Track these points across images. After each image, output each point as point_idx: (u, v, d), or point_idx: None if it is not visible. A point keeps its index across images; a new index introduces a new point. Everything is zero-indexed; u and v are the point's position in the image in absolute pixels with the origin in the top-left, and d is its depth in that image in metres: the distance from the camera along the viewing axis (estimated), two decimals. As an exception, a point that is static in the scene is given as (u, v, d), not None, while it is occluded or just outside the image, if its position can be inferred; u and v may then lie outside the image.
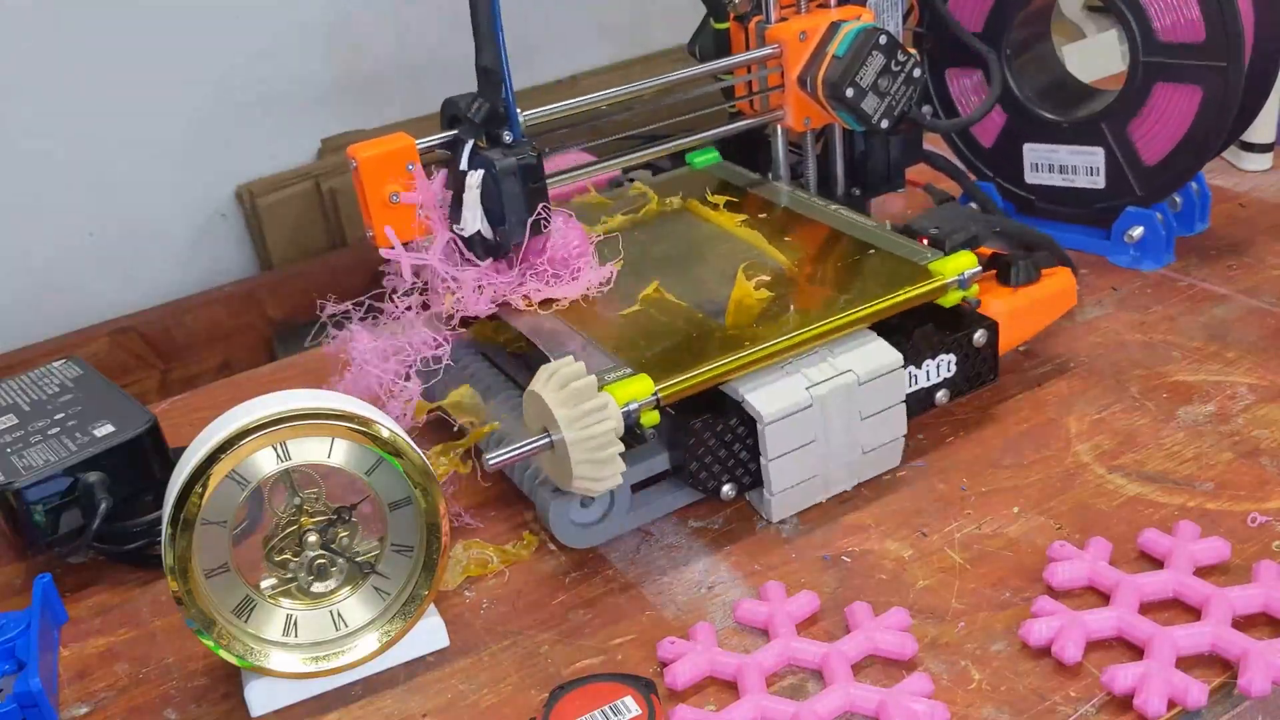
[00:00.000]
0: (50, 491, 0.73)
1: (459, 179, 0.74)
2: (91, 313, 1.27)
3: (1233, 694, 0.58)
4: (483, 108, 0.74)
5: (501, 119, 0.75)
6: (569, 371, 0.65)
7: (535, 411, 0.67)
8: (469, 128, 0.75)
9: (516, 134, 0.76)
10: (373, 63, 1.36)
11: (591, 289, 0.78)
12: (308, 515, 0.64)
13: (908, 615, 0.64)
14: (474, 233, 0.75)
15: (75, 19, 1.20)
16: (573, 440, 0.64)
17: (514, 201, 0.74)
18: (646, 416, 0.68)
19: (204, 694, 0.66)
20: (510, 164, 0.74)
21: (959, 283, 0.76)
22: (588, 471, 0.65)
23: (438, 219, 0.77)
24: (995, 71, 0.96)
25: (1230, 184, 1.07)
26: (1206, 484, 0.72)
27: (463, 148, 0.75)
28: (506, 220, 0.74)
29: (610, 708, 0.59)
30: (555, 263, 0.78)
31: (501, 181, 0.73)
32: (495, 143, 0.76)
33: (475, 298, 0.77)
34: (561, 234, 0.78)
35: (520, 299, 0.78)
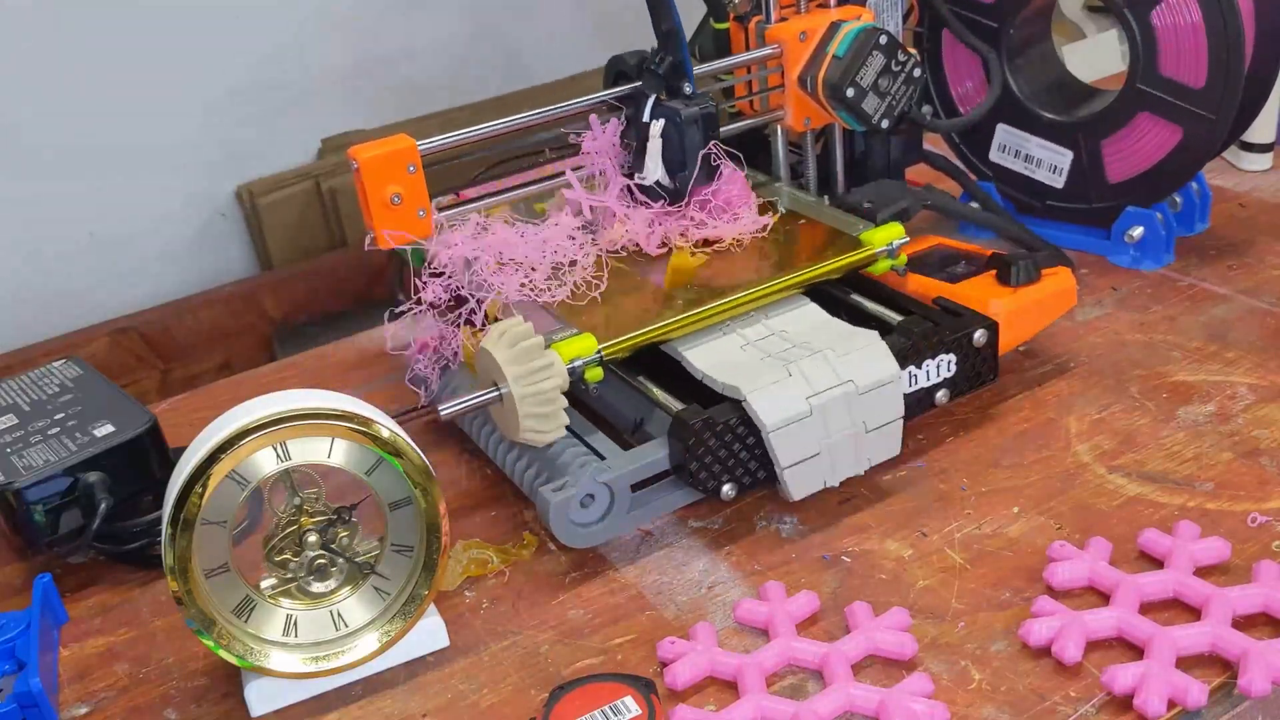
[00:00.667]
0: (50, 491, 0.73)
1: (642, 130, 0.80)
2: (91, 313, 1.27)
3: (1233, 694, 0.58)
4: (665, 61, 0.80)
5: (681, 74, 0.81)
6: (518, 330, 0.70)
7: (486, 367, 0.71)
8: (652, 80, 0.81)
9: (693, 86, 0.81)
10: (373, 63, 1.37)
11: (746, 233, 0.82)
12: (308, 515, 0.64)
13: (908, 615, 0.64)
14: (654, 180, 0.81)
15: (76, 19, 1.20)
16: (520, 394, 0.68)
17: (695, 149, 0.80)
18: (590, 373, 0.72)
19: (204, 694, 0.66)
20: (694, 113, 0.80)
21: (888, 252, 0.80)
22: (534, 424, 0.69)
23: (611, 164, 0.83)
24: (995, 71, 0.96)
25: (1230, 184, 1.07)
26: (1206, 484, 0.72)
27: (645, 100, 0.81)
28: (686, 166, 0.80)
29: (610, 708, 0.59)
30: (719, 206, 0.82)
31: (685, 130, 0.79)
32: (675, 95, 0.81)
33: (647, 235, 0.82)
34: (726, 179, 0.83)
35: (679, 237, 0.82)
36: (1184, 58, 0.89)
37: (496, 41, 1.42)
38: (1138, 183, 0.94)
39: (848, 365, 0.72)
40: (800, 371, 0.71)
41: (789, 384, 0.71)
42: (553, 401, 0.70)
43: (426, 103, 1.38)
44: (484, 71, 1.42)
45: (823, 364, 0.72)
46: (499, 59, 1.42)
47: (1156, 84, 0.91)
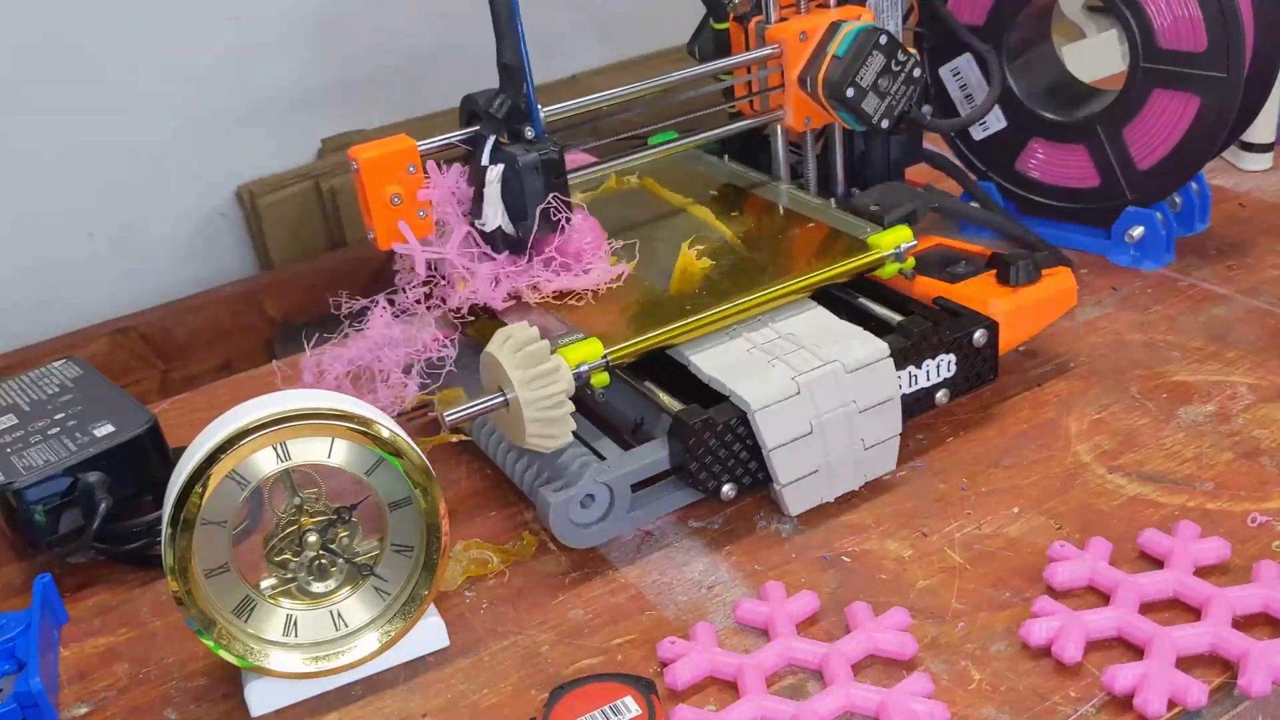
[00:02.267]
0: (50, 491, 0.73)
1: (480, 174, 0.76)
2: (91, 313, 1.27)
3: (1233, 694, 0.58)
4: (505, 103, 0.76)
5: (523, 115, 0.77)
6: (524, 335, 0.69)
7: (491, 372, 0.70)
8: (491, 123, 0.76)
9: (538, 130, 0.77)
10: (373, 62, 1.36)
11: (602, 284, 0.79)
12: (308, 515, 0.64)
13: (908, 615, 0.64)
14: (495, 228, 0.77)
15: (75, 18, 1.19)
16: (526, 400, 0.67)
17: (536, 197, 0.76)
18: (596, 378, 0.71)
19: (204, 694, 0.66)
20: (533, 159, 0.75)
21: (895, 255, 0.80)
22: (540, 429, 0.68)
23: (453, 213, 0.78)
24: (995, 71, 0.96)
25: (1230, 184, 1.07)
26: (1206, 484, 0.72)
27: (484, 143, 0.77)
28: (528, 215, 0.76)
29: (610, 708, 0.59)
30: (568, 256, 0.79)
31: (524, 177, 0.75)
32: (516, 138, 0.77)
33: (491, 290, 0.78)
34: (577, 228, 0.80)
35: (530, 290, 0.79)
36: (1180, 27, 0.89)
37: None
38: (1169, 163, 0.93)
39: (832, 351, 0.72)
40: (785, 362, 0.71)
41: (795, 403, 0.70)
42: (560, 408, 0.69)
43: (426, 103, 1.38)
44: (484, 72, 1.42)
45: (808, 355, 0.72)
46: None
47: (1161, 58, 0.90)
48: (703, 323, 0.75)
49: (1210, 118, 0.90)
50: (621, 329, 0.74)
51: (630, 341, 0.73)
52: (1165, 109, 0.92)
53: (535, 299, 0.78)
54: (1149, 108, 0.92)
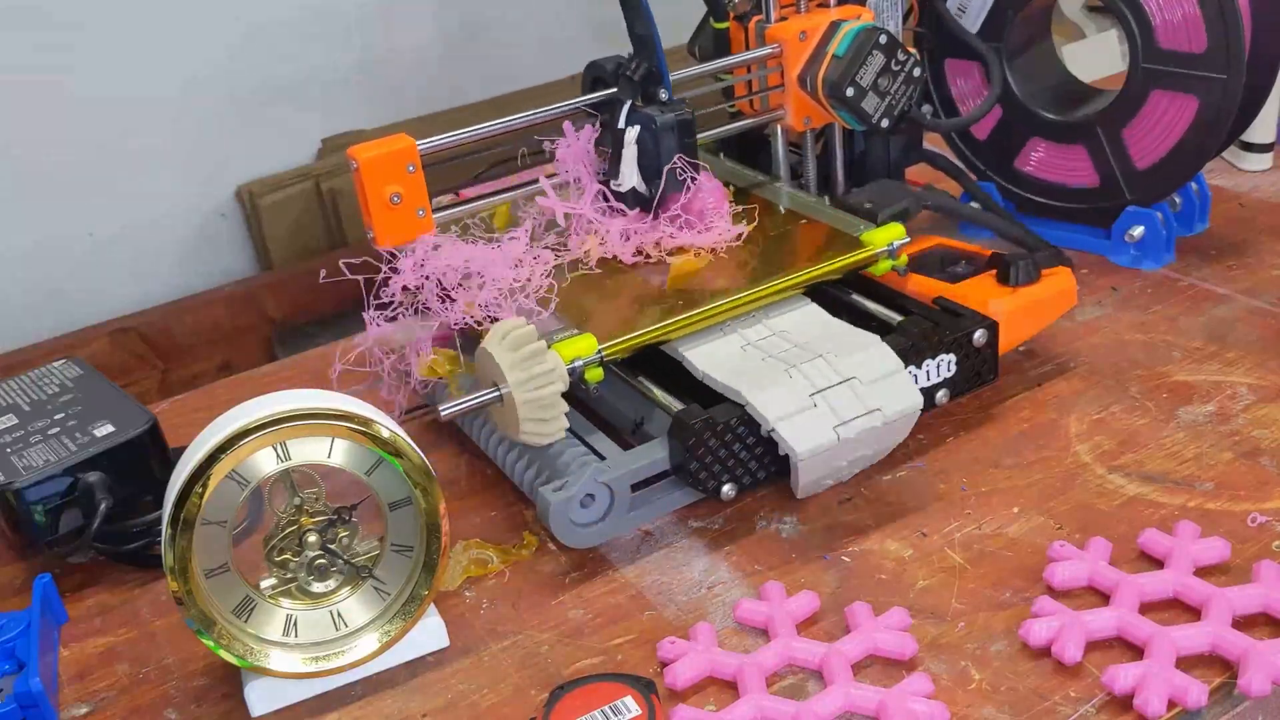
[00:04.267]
0: (50, 491, 0.73)
1: (617, 136, 0.79)
2: (91, 313, 1.27)
3: (1233, 694, 0.58)
4: (641, 67, 0.79)
5: (656, 79, 0.80)
6: (519, 332, 0.69)
7: (487, 367, 0.71)
8: (628, 86, 0.80)
9: (670, 93, 0.80)
10: (373, 62, 1.36)
11: (722, 241, 0.81)
12: (308, 515, 0.64)
13: (908, 615, 0.64)
14: (629, 188, 0.80)
15: (75, 18, 1.19)
16: (521, 397, 0.68)
17: (670, 156, 0.79)
18: (591, 373, 0.72)
19: (204, 694, 0.66)
20: (670, 120, 0.79)
21: (888, 252, 0.80)
22: (534, 427, 0.69)
23: (586, 171, 0.82)
24: (995, 71, 0.96)
25: (1230, 184, 1.07)
26: (1206, 484, 0.72)
27: (621, 106, 0.80)
28: (662, 174, 0.79)
29: (610, 708, 0.59)
30: (693, 214, 0.82)
31: (660, 137, 0.78)
32: (650, 101, 0.80)
33: (622, 244, 0.81)
34: (702, 188, 0.82)
35: (653, 247, 0.81)
36: (1180, 27, 0.89)
37: (497, 41, 1.42)
38: (1167, 163, 0.93)
39: (849, 365, 0.72)
40: (802, 373, 0.71)
41: (790, 384, 0.71)
42: (554, 404, 0.70)
43: (426, 103, 1.38)
44: (484, 71, 1.42)
45: (824, 366, 0.72)
46: (499, 59, 1.42)
47: (1160, 59, 0.90)
48: (696, 318, 0.75)
49: (1209, 118, 0.90)
50: (616, 325, 0.74)
51: (624, 337, 0.73)
52: (1164, 109, 0.92)
53: (658, 255, 0.81)
54: (1148, 108, 0.92)
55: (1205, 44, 0.88)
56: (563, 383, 0.70)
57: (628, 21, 0.80)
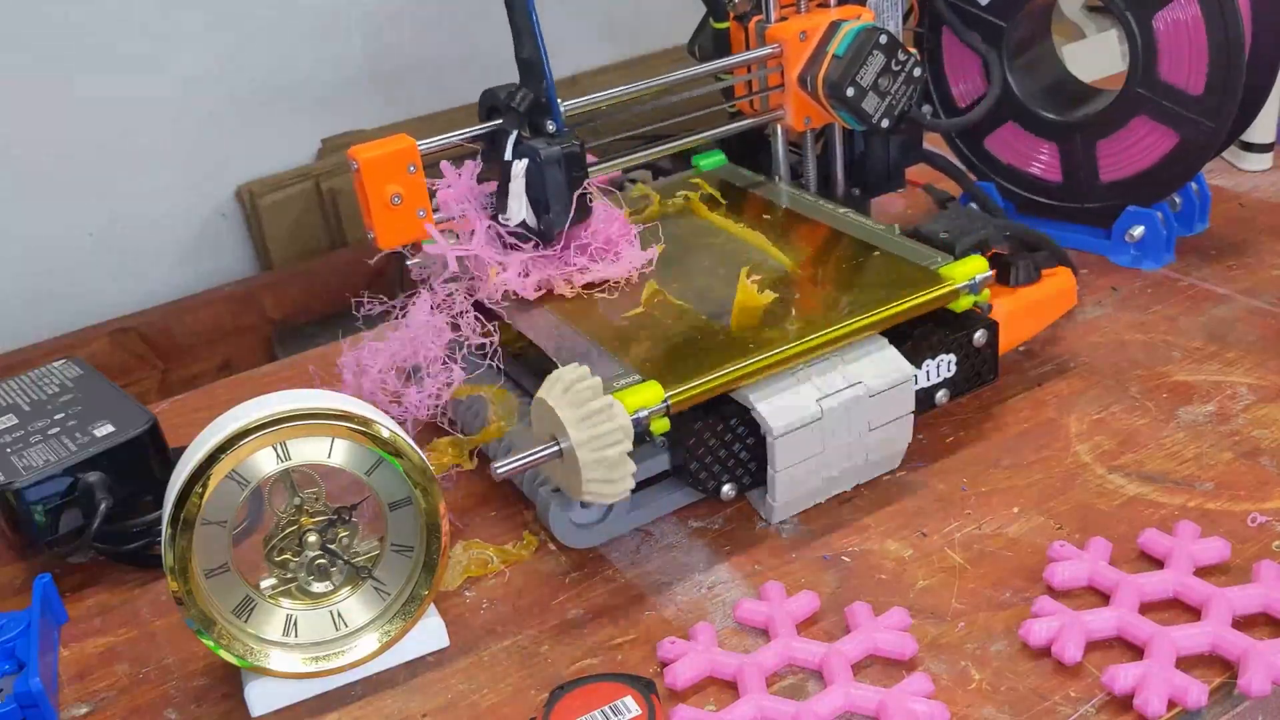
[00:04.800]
0: (50, 491, 0.73)
1: (504, 169, 0.76)
2: (91, 313, 1.27)
3: (1233, 694, 0.58)
4: (526, 98, 0.76)
5: (544, 109, 0.77)
6: (579, 383, 0.64)
7: (544, 419, 0.66)
8: (513, 118, 0.77)
9: (559, 124, 0.78)
10: (373, 62, 1.36)
11: (635, 270, 0.79)
12: (308, 515, 0.64)
13: (908, 615, 0.64)
14: (519, 222, 0.77)
15: (75, 19, 1.19)
16: (585, 456, 0.63)
17: (559, 190, 0.76)
18: (656, 424, 0.67)
19: (204, 694, 0.66)
20: (555, 153, 0.76)
21: (970, 287, 0.75)
22: (599, 488, 0.64)
23: (474, 209, 0.78)
24: (995, 71, 0.96)
25: (1230, 184, 1.07)
26: (1206, 484, 0.72)
27: (506, 138, 0.77)
28: (551, 208, 0.76)
29: (610, 708, 0.59)
30: (599, 246, 0.80)
31: (546, 170, 0.75)
32: (538, 132, 0.77)
33: (522, 281, 0.78)
34: (603, 218, 0.80)
35: (563, 282, 0.79)
36: (1184, 63, 0.89)
37: (497, 41, 1.42)
38: (1130, 184, 0.94)
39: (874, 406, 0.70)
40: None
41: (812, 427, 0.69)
42: (621, 464, 0.64)
43: (426, 103, 1.38)
44: (484, 71, 1.42)
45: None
46: (499, 59, 1.42)
47: (1155, 89, 0.91)
48: (766, 363, 0.70)
49: (1184, 156, 0.91)
50: (679, 369, 0.69)
51: (692, 384, 0.68)
52: (1145, 135, 0.92)
53: (568, 291, 0.78)
54: (1128, 129, 0.93)
55: (1203, 88, 0.88)
56: (629, 440, 0.64)
57: (515, 44, 0.76)
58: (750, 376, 0.70)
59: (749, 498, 0.74)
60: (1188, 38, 0.88)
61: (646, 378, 0.68)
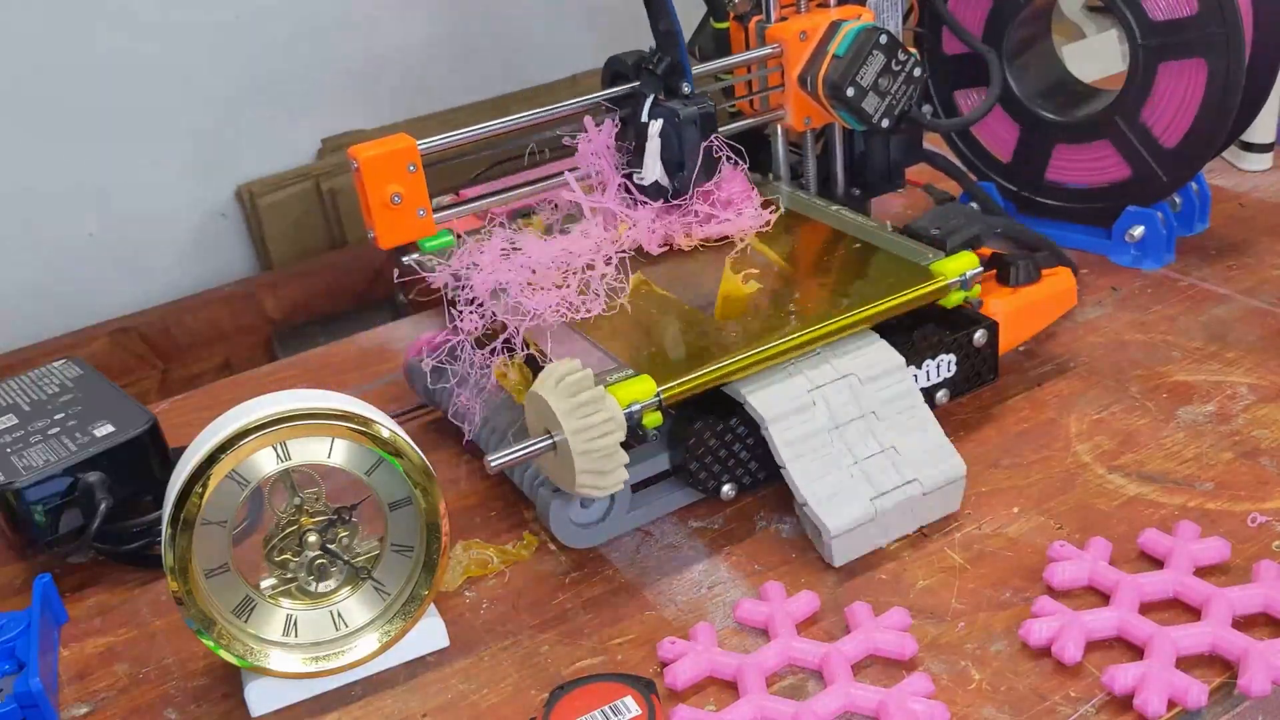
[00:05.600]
0: (50, 491, 0.73)
1: (640, 130, 0.80)
2: (91, 313, 1.27)
3: (1233, 694, 0.58)
4: (664, 61, 0.80)
5: (679, 72, 0.80)
6: (575, 378, 0.64)
7: (538, 413, 0.66)
8: (650, 81, 0.81)
9: (692, 86, 0.81)
10: (373, 62, 1.36)
11: (751, 228, 0.82)
12: (308, 515, 0.64)
13: (908, 615, 0.64)
14: (653, 181, 0.80)
15: (75, 19, 1.20)
16: (577, 448, 0.63)
17: (693, 149, 0.79)
18: (649, 418, 0.67)
19: (204, 694, 0.66)
20: (692, 113, 0.79)
21: (961, 283, 0.76)
22: (591, 480, 0.65)
23: (608, 165, 0.82)
24: (995, 71, 0.96)
25: (1230, 184, 1.07)
26: (1206, 484, 0.72)
27: (644, 100, 0.80)
28: (686, 166, 0.79)
29: (610, 708, 0.59)
30: (721, 203, 0.83)
31: (683, 130, 0.79)
32: (672, 95, 0.81)
33: (649, 235, 0.81)
34: (726, 177, 0.83)
35: (683, 235, 0.82)
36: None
37: (497, 41, 1.42)
38: (1194, 134, 0.91)
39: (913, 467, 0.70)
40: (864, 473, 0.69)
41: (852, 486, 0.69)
42: (613, 455, 0.64)
43: (426, 103, 1.38)
44: (484, 71, 1.42)
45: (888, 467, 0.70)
46: (499, 59, 1.42)
47: (1157, 31, 0.90)
48: (758, 357, 0.70)
49: (1221, 78, 0.89)
50: (670, 362, 0.70)
51: (685, 379, 0.68)
52: (1176, 81, 0.90)
53: (688, 244, 0.81)
54: (1160, 85, 0.91)
55: (1196, 5, 0.88)
56: (622, 431, 0.65)
57: (651, 18, 0.81)
58: (742, 371, 0.70)
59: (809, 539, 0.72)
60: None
61: (639, 372, 0.68)
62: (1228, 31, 0.87)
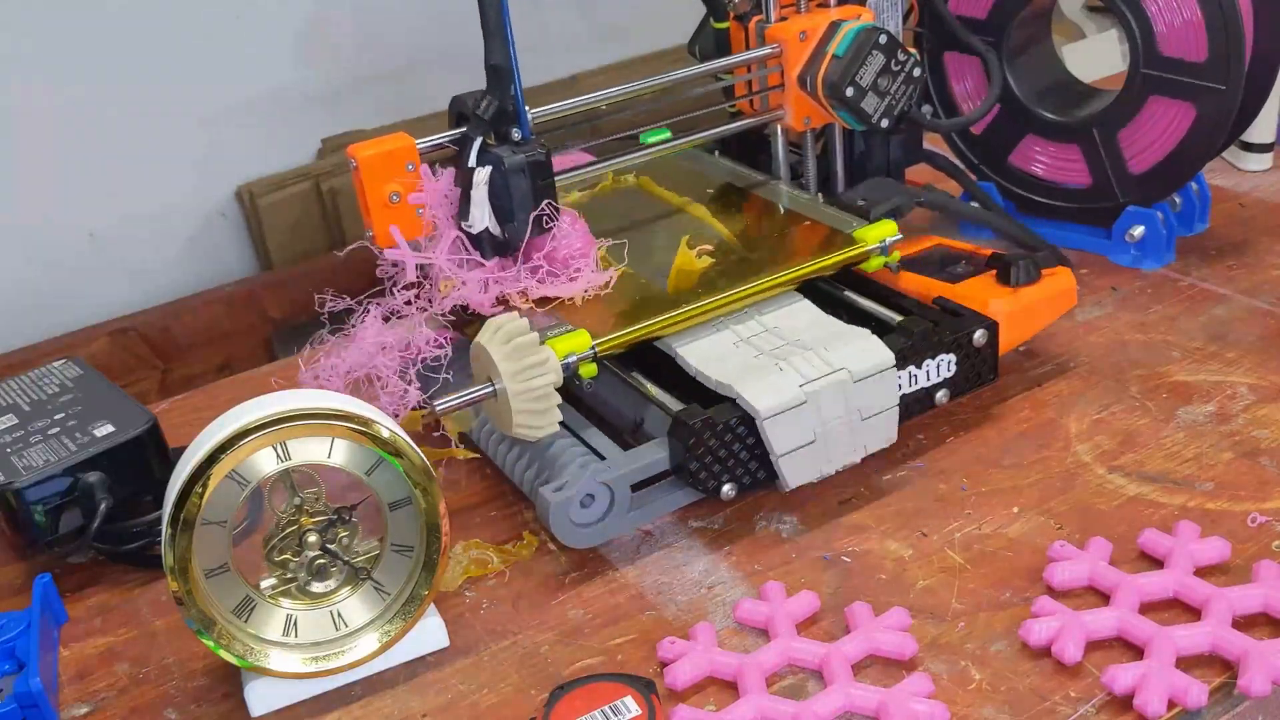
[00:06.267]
0: (50, 491, 0.73)
1: (467, 176, 0.75)
2: (91, 313, 1.27)
3: (1233, 694, 0.58)
4: (491, 105, 0.75)
5: (510, 117, 0.76)
6: (512, 326, 0.70)
7: (481, 362, 0.71)
8: (477, 125, 0.76)
9: (525, 132, 0.77)
10: (372, 63, 1.36)
11: (589, 290, 0.79)
12: (308, 515, 0.64)
13: (908, 615, 0.64)
14: (482, 230, 0.76)
15: (76, 20, 1.20)
16: (514, 390, 0.69)
17: (522, 199, 0.75)
18: (584, 369, 0.72)
19: (204, 694, 0.66)
20: (519, 161, 0.75)
21: (880, 249, 0.81)
22: (526, 419, 0.70)
23: (444, 216, 0.77)
24: (995, 71, 0.96)
25: (1230, 184, 1.07)
26: (1206, 484, 0.72)
27: (471, 145, 0.76)
28: (514, 217, 0.76)
29: (610, 708, 0.59)
30: (557, 262, 0.79)
31: (510, 178, 0.75)
32: (504, 140, 0.77)
33: (480, 295, 0.77)
34: (566, 234, 0.79)
35: (518, 296, 0.78)
36: (1182, 35, 0.89)
37: (496, 41, 1.42)
38: (1162, 169, 0.93)
39: (840, 357, 0.72)
40: (792, 365, 0.72)
41: (781, 376, 0.71)
42: (546, 398, 0.70)
43: (426, 103, 1.38)
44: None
45: (814, 358, 0.72)
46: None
47: (1160, 65, 0.90)
48: (689, 315, 0.76)
49: (1207, 127, 0.90)
50: (611, 322, 0.75)
51: (618, 333, 0.74)
52: (1162, 116, 0.92)
53: (523, 305, 0.78)
54: (1146, 113, 0.92)
55: (1206, 53, 0.88)
56: (556, 375, 0.70)
57: (485, 50, 0.75)
58: (671, 327, 0.75)
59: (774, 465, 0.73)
60: (1180, 12, 0.89)
61: (577, 328, 0.73)
62: (1229, 89, 0.88)
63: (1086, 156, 0.96)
